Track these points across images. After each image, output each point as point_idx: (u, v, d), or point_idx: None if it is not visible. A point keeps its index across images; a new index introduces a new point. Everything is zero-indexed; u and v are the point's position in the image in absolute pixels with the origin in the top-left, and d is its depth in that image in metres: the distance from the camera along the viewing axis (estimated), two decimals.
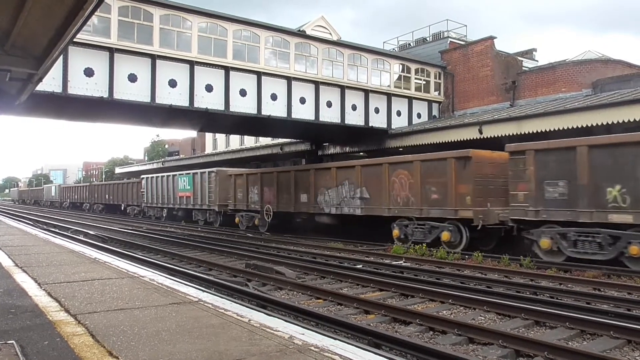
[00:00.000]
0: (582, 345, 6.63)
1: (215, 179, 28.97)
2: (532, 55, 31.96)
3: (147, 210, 39.83)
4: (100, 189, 54.05)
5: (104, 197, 51.35)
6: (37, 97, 14.47)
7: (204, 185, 29.86)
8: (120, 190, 47.05)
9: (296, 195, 22.85)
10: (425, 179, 17.00)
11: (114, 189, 49.09)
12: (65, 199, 66.78)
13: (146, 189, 38.78)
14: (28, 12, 6.19)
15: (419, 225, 17.19)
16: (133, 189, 43.55)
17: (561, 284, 10.81)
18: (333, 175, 20.89)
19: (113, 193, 48.77)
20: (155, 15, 17.43)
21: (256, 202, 25.46)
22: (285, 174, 24.12)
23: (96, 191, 54.98)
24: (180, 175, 33.48)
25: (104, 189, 52.13)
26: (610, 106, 16.04)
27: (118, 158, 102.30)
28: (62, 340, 4.21)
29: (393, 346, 6.24)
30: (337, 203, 20.54)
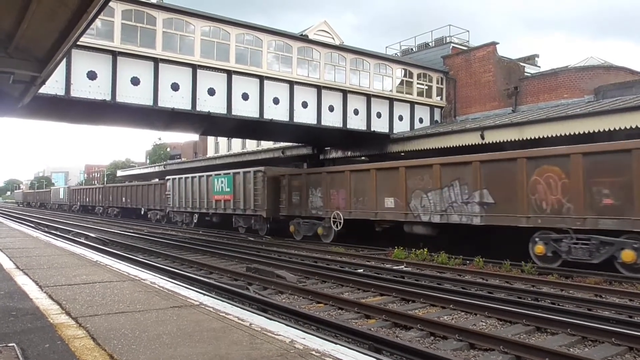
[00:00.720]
0: (584, 352, 6.61)
1: (262, 180, 24.78)
2: (534, 61, 31.97)
3: (173, 216, 35.36)
4: (115, 192, 49.44)
5: (120, 200, 47.39)
6: (39, 99, 14.53)
7: (248, 187, 25.72)
8: (140, 192, 42.93)
9: (378, 200, 18.62)
10: (591, 178, 12.85)
11: (132, 191, 45.03)
12: (75, 202, 62.81)
13: (172, 191, 34.37)
14: (32, 14, 6.22)
15: (579, 240, 13.07)
16: (155, 191, 39.71)
17: (562, 290, 10.78)
18: (435, 174, 16.74)
19: (131, 196, 44.87)
20: (159, 18, 17.50)
21: (319, 208, 21.42)
22: (361, 173, 19.77)
23: (111, 193, 50.61)
24: (217, 176, 28.98)
25: (121, 192, 47.86)
26: (612, 112, 16.04)
27: (120, 161, 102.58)
28: (63, 343, 4.20)
29: (394, 351, 6.23)
30: (442, 209, 16.40)
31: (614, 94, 19.93)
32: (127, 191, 46.30)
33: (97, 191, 56.37)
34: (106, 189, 53.35)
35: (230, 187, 27.18)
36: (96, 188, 58.20)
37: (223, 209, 28.30)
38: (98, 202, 54.22)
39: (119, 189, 48.94)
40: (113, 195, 49.69)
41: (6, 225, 23.92)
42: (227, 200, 27.64)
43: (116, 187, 50.56)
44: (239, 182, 26.49)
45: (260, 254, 17.33)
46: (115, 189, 49.85)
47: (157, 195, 39.15)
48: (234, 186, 26.84)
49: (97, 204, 54.57)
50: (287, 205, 23.32)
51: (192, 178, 31.76)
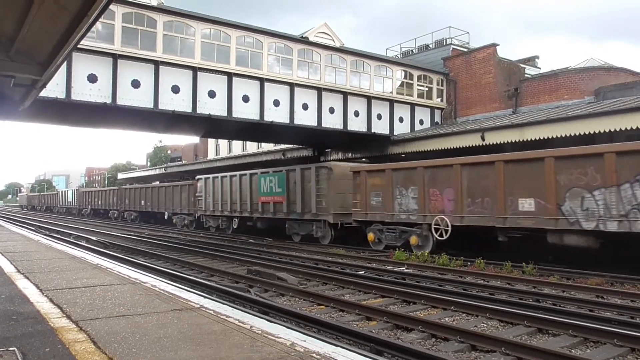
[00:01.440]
0: (586, 353, 6.60)
1: (326, 178, 21.08)
2: (534, 63, 31.99)
3: (206, 221, 31.25)
4: (133, 194, 45.05)
5: (138, 203, 43.19)
6: (40, 102, 14.55)
7: (307, 186, 21.96)
8: (164, 195, 38.30)
9: (507, 201, 14.64)
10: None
11: (153, 193, 40.40)
12: (86, 205, 58.33)
13: (204, 192, 30.53)
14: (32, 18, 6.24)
15: None
16: (182, 193, 35.17)
17: (564, 291, 10.76)
18: (608, 165, 12.56)
19: (152, 198, 40.35)
20: (159, 21, 17.52)
21: (412, 211, 17.49)
22: (480, 167, 15.62)
23: (127, 196, 46.06)
24: (264, 174, 25.27)
25: (139, 194, 43.43)
26: (612, 114, 16.02)
27: (120, 164, 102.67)
28: (64, 347, 4.20)
29: (395, 353, 6.22)
30: (622, 214, 12.30)
31: (615, 95, 19.91)
32: (147, 193, 41.81)
33: (111, 194, 51.33)
34: (122, 191, 48.56)
35: (283, 186, 23.42)
36: (110, 190, 52.78)
37: (272, 212, 24.32)
38: (112, 206, 50.08)
39: (138, 190, 44.13)
40: (130, 197, 45.28)
41: (7, 229, 23.94)
42: (278, 202, 23.89)
43: (134, 189, 45.42)
44: (295, 181, 22.87)
45: (261, 256, 17.32)
46: (133, 191, 45.27)
47: (184, 198, 34.82)
48: (287, 186, 23.17)
49: (111, 207, 50.40)
50: (363, 209, 19.30)
51: (230, 177, 28.13)
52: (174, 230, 33.04)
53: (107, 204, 51.54)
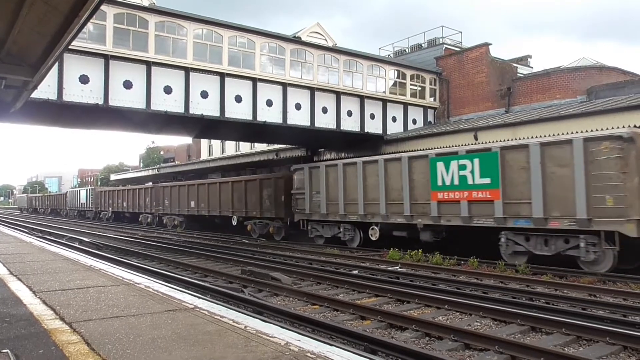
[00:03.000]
0: (579, 351, 6.64)
1: (622, 157, 12.34)
2: (527, 62, 32.14)
3: (312, 230, 21.83)
4: (176, 193, 34.94)
5: (185, 204, 33.42)
6: (32, 104, 14.46)
7: (560, 173, 13.44)
8: (229, 192, 28.36)
9: None
10: None
11: (213, 191, 30.25)
12: (105, 208, 48.73)
13: (308, 188, 21.70)
14: (23, 19, 6.20)
15: None
16: (264, 189, 25.66)
17: (557, 290, 10.83)
18: None
19: (208, 198, 30.60)
20: (151, 22, 17.45)
21: None
22: None
23: (168, 195, 36.03)
24: (445, 157, 16.67)
25: (187, 192, 33.33)
26: (604, 113, 16.14)
27: (113, 165, 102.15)
28: (57, 349, 4.18)
29: (389, 352, 6.24)
30: None
31: (607, 95, 20.05)
32: (201, 192, 31.59)
33: (143, 193, 40.82)
34: (158, 190, 38.22)
35: (494, 174, 14.93)
36: (142, 189, 41.94)
37: (465, 216, 15.63)
38: (144, 208, 40.35)
39: (186, 189, 33.63)
40: (173, 197, 35.15)
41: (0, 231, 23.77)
42: (482, 200, 15.25)
43: (180, 187, 34.84)
44: (527, 164, 14.17)
45: (255, 256, 17.31)
46: (178, 189, 34.92)
47: (266, 196, 25.55)
48: (502, 172, 14.75)
49: (142, 210, 40.70)
50: None
51: (362, 164, 19.44)
52: (167, 231, 32.77)
53: (136, 205, 41.88)
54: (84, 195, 55.59)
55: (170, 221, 35.93)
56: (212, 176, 39.45)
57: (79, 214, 57.60)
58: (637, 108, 15.25)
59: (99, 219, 50.23)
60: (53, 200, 72.21)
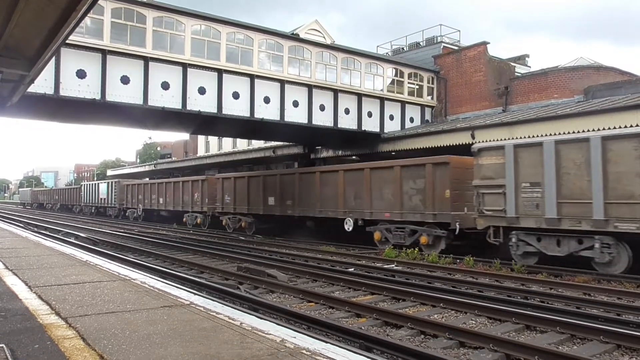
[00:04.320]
0: (573, 349, 6.67)
1: None
2: (524, 61, 32.17)
3: (516, 243, 14.04)
4: (243, 186, 26.33)
5: (260, 199, 24.92)
6: (28, 98, 14.40)
7: None
8: (333, 184, 20.73)
9: None
10: None
11: (299, 184, 22.67)
12: (133, 205, 40.63)
13: (512, 176, 14.04)
14: (20, 13, 6.17)
15: None
16: (405, 180, 17.83)
17: (552, 289, 10.86)
18: None
19: (293, 193, 22.85)
20: (149, 17, 17.41)
21: None
22: None
23: (230, 189, 27.42)
24: None
25: (261, 186, 25.01)
26: (601, 112, 16.19)
27: (110, 160, 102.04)
28: (53, 343, 4.18)
29: (384, 350, 6.25)
30: None
31: (604, 94, 20.10)
32: (286, 184, 23.57)
33: (190, 187, 32.27)
34: (214, 183, 29.48)
35: None
36: (189, 182, 32.75)
37: None
38: (191, 205, 32.11)
39: (261, 180, 25.24)
40: (240, 192, 26.67)
41: None
42: None
43: (251, 178, 26.27)
44: None
45: (252, 253, 17.30)
46: (247, 182, 26.18)
47: (412, 190, 17.55)
48: None
49: (189, 207, 32.35)
50: None
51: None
52: (164, 227, 32.51)
53: (179, 202, 33.45)
54: (104, 189, 46.88)
55: (233, 222, 27.26)
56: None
57: (96, 211, 49.54)
58: (635, 108, 15.31)
59: (123, 217, 42.80)
60: (63, 195, 63.71)
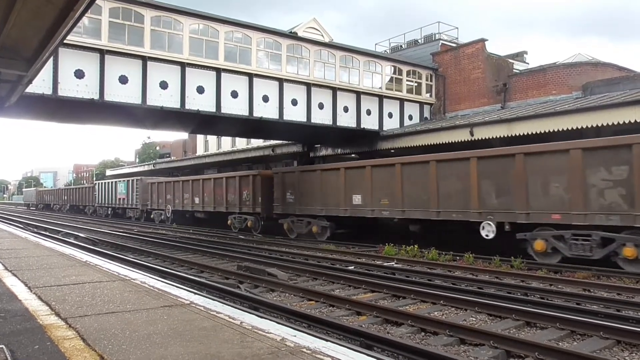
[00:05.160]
0: (573, 345, 6.68)
1: None
2: (522, 58, 32.16)
3: None
4: (316, 180, 21.84)
5: (341, 198, 20.24)
6: (27, 98, 14.38)
7: None
8: (464, 177, 15.98)
9: None
10: None
11: (406, 177, 17.87)
12: (160, 205, 35.30)
13: None
14: (17, 13, 6.16)
15: None
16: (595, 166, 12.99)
17: (552, 285, 10.88)
18: None
19: (399, 189, 17.98)
20: (147, 16, 17.37)
21: None
22: None
23: (294, 185, 23.04)
24: None
25: (342, 180, 20.43)
26: (599, 109, 16.17)
27: (109, 160, 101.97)
28: (53, 344, 4.18)
29: (385, 347, 6.26)
30: None
31: (602, 91, 20.09)
32: (383, 177, 18.78)
33: (237, 184, 26.88)
34: (273, 179, 24.57)
35: None
36: (236, 177, 27.39)
37: None
38: (238, 206, 26.73)
39: (342, 173, 20.50)
40: (308, 188, 22.22)
41: None
42: None
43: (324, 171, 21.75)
44: None
45: (252, 252, 17.31)
46: (319, 175, 21.70)
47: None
48: None
49: (235, 208, 26.99)
50: None
51: None
52: (163, 227, 32.43)
53: (221, 202, 28.24)
54: (123, 188, 41.77)
55: (298, 226, 22.55)
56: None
57: (113, 212, 44.84)
58: (632, 104, 15.29)
59: (146, 219, 38.08)
60: (74, 195, 57.80)
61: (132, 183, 40.35)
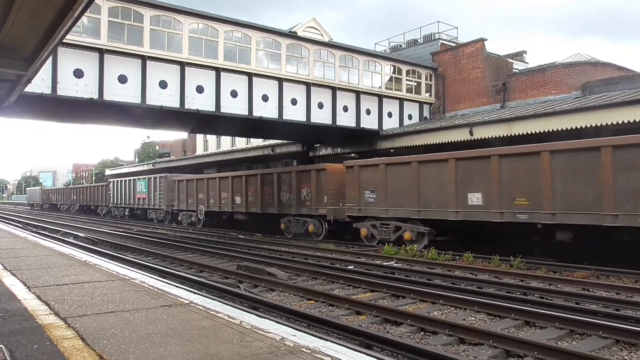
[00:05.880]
0: (572, 345, 6.68)
1: None
2: (522, 58, 32.18)
3: None
4: (414, 174, 17.10)
5: (453, 197, 15.77)
6: (26, 98, 14.39)
7: None
8: None
9: None
10: None
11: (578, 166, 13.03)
12: (190, 206, 31.31)
13: None
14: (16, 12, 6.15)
15: None
16: None
17: (551, 285, 10.88)
18: None
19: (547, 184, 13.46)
20: (146, 16, 17.37)
21: None
22: None
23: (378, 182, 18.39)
24: None
25: (460, 171, 15.70)
26: (598, 108, 16.19)
27: (108, 160, 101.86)
28: (52, 344, 4.17)
29: (384, 347, 6.25)
30: None
31: (601, 90, 20.10)
32: (529, 170, 14.00)
33: (295, 180, 23.03)
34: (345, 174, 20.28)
35: None
36: (291, 172, 23.87)
37: None
38: (296, 206, 22.84)
39: (453, 165, 15.93)
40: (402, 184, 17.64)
41: None
42: None
43: (424, 164, 17.11)
44: None
45: (251, 251, 17.30)
46: (416, 168, 17.13)
47: None
48: None
49: (289, 208, 23.26)
50: None
51: None
52: (163, 227, 32.40)
53: (269, 200, 24.61)
54: (143, 186, 37.62)
55: (384, 232, 18.25)
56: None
57: (131, 213, 40.69)
58: (631, 104, 15.31)
59: (171, 221, 34.13)
60: (84, 194, 52.95)
61: (154, 181, 36.20)
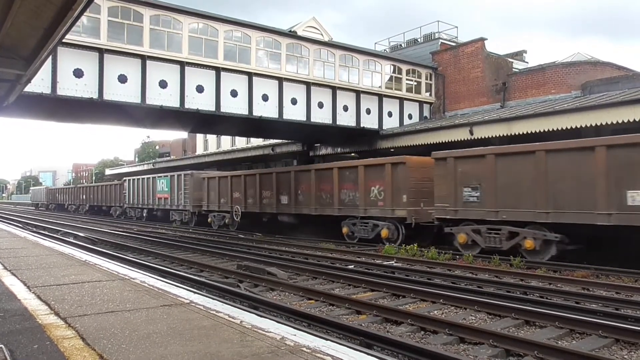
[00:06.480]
0: (572, 344, 6.68)
1: None
2: (522, 57, 32.16)
3: None
4: (541, 166, 13.38)
5: (592, 196, 12.46)
6: (25, 98, 14.39)
7: None
8: None
9: None
10: None
11: None
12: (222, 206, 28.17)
13: None
14: (16, 12, 6.15)
15: None
16: None
17: (551, 284, 10.88)
18: None
19: None
20: (146, 15, 17.36)
21: None
22: None
23: (484, 176, 14.75)
24: None
25: (612, 164, 12.09)
26: (598, 108, 16.18)
27: (108, 159, 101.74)
28: (52, 343, 4.17)
29: (384, 346, 6.26)
30: None
31: (601, 90, 20.10)
32: None
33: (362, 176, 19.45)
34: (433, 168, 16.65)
35: None
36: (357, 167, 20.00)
37: None
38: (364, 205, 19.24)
39: (609, 153, 12.19)
40: (519, 179, 13.97)
41: None
42: None
43: (554, 153, 13.34)
44: None
45: (251, 251, 17.30)
46: (540, 159, 13.48)
47: None
48: None
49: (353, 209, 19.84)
50: None
51: None
52: (163, 226, 32.43)
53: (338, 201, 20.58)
54: (164, 184, 34.51)
55: (491, 240, 14.75)
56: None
57: (149, 214, 37.48)
58: (631, 103, 15.30)
59: (198, 223, 30.98)
60: (95, 194, 49.11)
61: (178, 179, 32.85)
